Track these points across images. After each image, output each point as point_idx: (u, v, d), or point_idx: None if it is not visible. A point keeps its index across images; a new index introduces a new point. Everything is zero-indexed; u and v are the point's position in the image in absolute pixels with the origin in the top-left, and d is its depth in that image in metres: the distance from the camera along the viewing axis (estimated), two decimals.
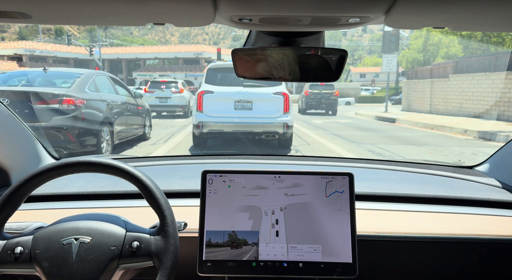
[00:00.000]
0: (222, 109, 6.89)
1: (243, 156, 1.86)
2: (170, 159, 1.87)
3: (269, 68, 0.99)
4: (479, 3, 0.67)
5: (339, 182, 1.13)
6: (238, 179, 1.14)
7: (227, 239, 1.10)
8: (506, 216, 1.30)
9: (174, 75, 42.23)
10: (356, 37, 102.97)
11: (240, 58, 0.99)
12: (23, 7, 0.70)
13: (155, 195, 0.95)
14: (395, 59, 19.18)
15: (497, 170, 1.59)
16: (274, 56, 0.98)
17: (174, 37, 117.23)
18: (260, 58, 0.98)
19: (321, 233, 1.10)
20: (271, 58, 0.98)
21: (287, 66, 0.99)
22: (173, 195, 1.34)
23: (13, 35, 67.54)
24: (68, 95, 5.54)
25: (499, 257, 1.25)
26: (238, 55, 0.99)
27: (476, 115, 13.54)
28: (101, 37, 42.65)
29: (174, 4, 0.69)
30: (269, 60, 0.98)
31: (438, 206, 1.35)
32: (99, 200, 1.36)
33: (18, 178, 1.29)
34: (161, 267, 0.92)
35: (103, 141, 5.96)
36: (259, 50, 0.98)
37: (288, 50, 0.98)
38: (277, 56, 0.98)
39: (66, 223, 0.96)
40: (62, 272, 0.90)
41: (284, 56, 0.98)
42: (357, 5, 0.71)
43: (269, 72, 1.00)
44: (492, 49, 15.72)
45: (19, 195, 0.94)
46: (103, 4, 0.68)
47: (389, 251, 1.23)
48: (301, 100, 18.32)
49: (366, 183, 1.44)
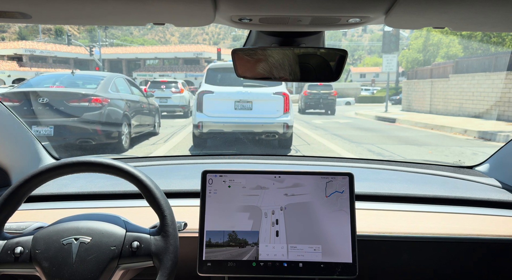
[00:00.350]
0: (222, 109, 6.89)
1: (243, 156, 1.86)
2: (170, 159, 1.87)
3: (269, 68, 0.99)
4: (479, 3, 0.67)
5: (339, 182, 1.13)
6: (238, 179, 1.14)
7: (227, 239, 1.10)
8: (506, 216, 1.30)
9: (174, 75, 42.25)
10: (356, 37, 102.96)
11: (240, 58, 0.99)
12: (23, 7, 0.70)
13: (155, 195, 0.95)
14: (395, 59, 19.18)
15: (497, 170, 1.59)
16: (274, 56, 0.98)
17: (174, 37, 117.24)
18: (260, 58, 0.98)
19: (321, 233, 1.10)
20: (271, 58, 0.98)
21: (287, 66, 0.99)
22: (173, 195, 1.34)
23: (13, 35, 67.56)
24: (96, 95, 6.50)
25: (499, 257, 1.25)
26: (238, 55, 0.99)
27: (476, 115, 13.54)
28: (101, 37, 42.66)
29: (174, 4, 0.69)
30: (269, 60, 0.98)
31: (438, 206, 1.35)
32: (99, 200, 1.36)
33: (18, 178, 1.29)
34: (161, 267, 0.92)
35: (123, 134, 6.83)
36: (259, 50, 0.98)
37: (288, 50, 0.98)
38: (277, 56, 0.98)
39: (66, 223, 0.97)
40: (62, 272, 0.90)
41: (284, 56, 0.98)
42: (357, 5, 0.71)
43: (269, 72, 1.00)
44: (492, 49, 15.72)
45: (19, 195, 0.94)
46: (103, 4, 0.68)
47: (389, 251, 1.23)
48: (300, 100, 18.43)
49: (366, 183, 1.44)
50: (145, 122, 8.14)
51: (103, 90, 6.75)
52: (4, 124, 1.38)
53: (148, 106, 8.38)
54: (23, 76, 43.70)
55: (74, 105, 6.30)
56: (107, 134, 6.47)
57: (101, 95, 6.61)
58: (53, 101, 6.23)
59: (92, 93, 6.54)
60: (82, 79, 7.44)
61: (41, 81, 7.27)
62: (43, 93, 6.36)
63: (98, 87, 6.80)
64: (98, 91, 6.68)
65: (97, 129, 6.33)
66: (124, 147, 6.81)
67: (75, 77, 7.41)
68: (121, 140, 6.74)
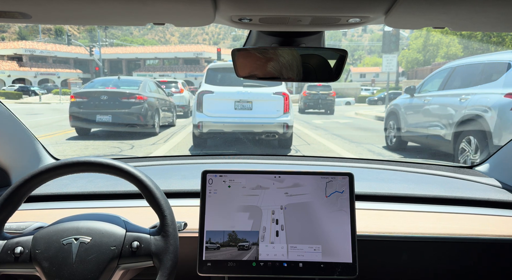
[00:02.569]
0: (222, 109, 6.88)
1: (243, 156, 1.86)
2: (170, 159, 1.87)
3: (269, 68, 0.99)
4: (479, 3, 0.67)
5: (339, 182, 1.13)
6: (238, 179, 1.14)
7: (227, 239, 1.10)
8: (506, 216, 1.30)
9: (174, 75, 42.28)
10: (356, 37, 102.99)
11: (240, 58, 0.99)
12: (23, 7, 0.70)
13: (155, 195, 0.95)
14: (395, 59, 19.15)
15: (497, 170, 1.59)
16: (274, 56, 0.98)
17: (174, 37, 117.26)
18: (260, 58, 0.98)
19: (321, 233, 1.10)
20: (271, 58, 0.98)
21: (287, 66, 0.99)
22: (173, 195, 1.34)
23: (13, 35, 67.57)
24: (139, 94, 8.99)
25: (499, 257, 1.24)
26: (238, 55, 0.99)
27: None
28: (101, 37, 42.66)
29: (174, 4, 0.69)
30: (269, 60, 0.98)
31: (438, 206, 1.35)
32: (99, 200, 1.36)
33: (18, 178, 1.29)
34: (161, 267, 0.92)
35: (155, 122, 9.25)
36: (259, 50, 0.98)
37: (288, 50, 0.98)
38: (277, 56, 0.98)
39: (66, 223, 0.96)
40: (62, 272, 0.90)
41: (284, 56, 0.98)
42: (357, 5, 0.71)
43: (269, 72, 1.00)
44: (492, 49, 15.72)
45: (19, 195, 0.94)
46: (103, 4, 0.68)
47: (389, 251, 1.23)
48: (300, 100, 18.61)
49: (366, 183, 1.44)
50: (167, 115, 10.49)
51: (143, 90, 9.23)
52: (4, 124, 1.38)
53: (169, 104, 10.80)
54: (23, 76, 43.77)
55: (124, 101, 8.86)
56: (146, 122, 8.97)
57: (142, 94, 9.05)
58: (110, 98, 8.83)
59: (136, 93, 8.98)
60: (127, 82, 10.02)
61: (99, 84, 9.97)
62: (103, 93, 8.94)
63: (139, 88, 9.23)
64: (140, 91, 9.13)
65: (141, 118, 8.87)
66: (156, 131, 9.25)
67: (121, 81, 10.02)
68: (154, 126, 9.24)
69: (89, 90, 9.36)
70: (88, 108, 8.80)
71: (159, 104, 9.66)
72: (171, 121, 10.82)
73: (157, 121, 9.35)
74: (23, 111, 15.69)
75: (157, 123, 9.33)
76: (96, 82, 10.38)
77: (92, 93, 9.07)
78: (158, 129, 9.36)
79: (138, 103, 8.83)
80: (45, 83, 42.46)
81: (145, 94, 9.15)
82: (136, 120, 8.89)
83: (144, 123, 8.91)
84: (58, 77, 45.55)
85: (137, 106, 8.81)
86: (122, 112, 8.79)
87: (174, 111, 11.34)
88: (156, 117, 9.30)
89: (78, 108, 8.73)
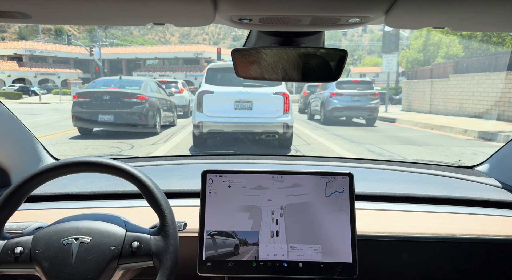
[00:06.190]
0: (222, 109, 6.88)
1: (243, 156, 1.86)
2: (170, 159, 1.87)
3: (269, 68, 0.99)
4: (479, 3, 0.67)
5: (339, 182, 1.13)
6: (238, 179, 1.14)
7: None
8: (506, 216, 1.30)
9: (174, 75, 42.27)
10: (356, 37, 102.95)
11: (240, 58, 0.99)
12: (23, 7, 0.70)
13: (155, 195, 0.95)
14: (395, 59, 19.15)
15: (497, 170, 1.59)
16: (274, 56, 0.98)
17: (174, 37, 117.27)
18: (260, 58, 0.98)
19: (321, 233, 1.10)
20: (271, 58, 0.98)
21: (287, 66, 0.99)
22: (173, 195, 1.34)
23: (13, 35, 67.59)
24: (140, 93, 9.08)
25: (499, 257, 1.24)
26: (238, 55, 0.98)
27: (476, 115, 13.54)
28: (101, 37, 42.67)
29: (174, 4, 0.68)
30: (269, 60, 0.98)
31: (438, 206, 1.35)
32: (99, 200, 1.36)
33: (18, 178, 1.29)
34: (161, 267, 0.92)
35: (156, 122, 9.39)
36: (259, 50, 0.98)
37: (288, 50, 0.98)
38: (277, 56, 0.98)
39: (66, 223, 0.96)
40: (62, 272, 0.90)
41: (284, 56, 0.98)
42: (357, 5, 0.71)
43: (269, 72, 1.00)
44: (492, 49, 15.72)
45: (19, 195, 0.94)
46: (103, 4, 0.68)
47: (389, 251, 1.23)
48: (300, 100, 18.64)
49: (366, 183, 1.44)
50: (168, 115, 10.66)
51: (144, 90, 9.35)
52: (4, 124, 1.38)
53: (170, 103, 10.93)
54: (23, 76, 43.77)
55: (126, 100, 9.00)
56: (148, 121, 9.12)
57: (144, 93, 9.17)
58: (112, 98, 8.94)
59: (138, 93, 9.12)
60: (128, 82, 10.13)
61: (101, 84, 10.09)
62: (105, 93, 9.07)
63: (141, 88, 9.34)
64: (142, 90, 9.25)
65: (142, 117, 9.00)
66: (158, 130, 9.37)
67: (122, 81, 10.12)
68: (156, 126, 9.39)
69: (92, 90, 9.49)
70: (91, 108, 8.90)
71: (160, 104, 9.80)
72: (172, 121, 10.99)
73: (158, 121, 9.53)
74: (23, 111, 15.69)
75: (158, 123, 9.50)
76: (98, 82, 10.53)
77: (94, 93, 9.18)
78: (159, 129, 9.52)
79: (139, 103, 8.97)
80: (45, 83, 42.45)
81: (147, 94, 9.28)
82: (137, 120, 9.05)
83: (145, 123, 9.06)
84: (58, 77, 45.56)
85: (138, 106, 8.95)
86: (124, 112, 8.92)
87: (175, 111, 11.53)
88: (157, 117, 9.48)
89: (80, 108, 8.82)
